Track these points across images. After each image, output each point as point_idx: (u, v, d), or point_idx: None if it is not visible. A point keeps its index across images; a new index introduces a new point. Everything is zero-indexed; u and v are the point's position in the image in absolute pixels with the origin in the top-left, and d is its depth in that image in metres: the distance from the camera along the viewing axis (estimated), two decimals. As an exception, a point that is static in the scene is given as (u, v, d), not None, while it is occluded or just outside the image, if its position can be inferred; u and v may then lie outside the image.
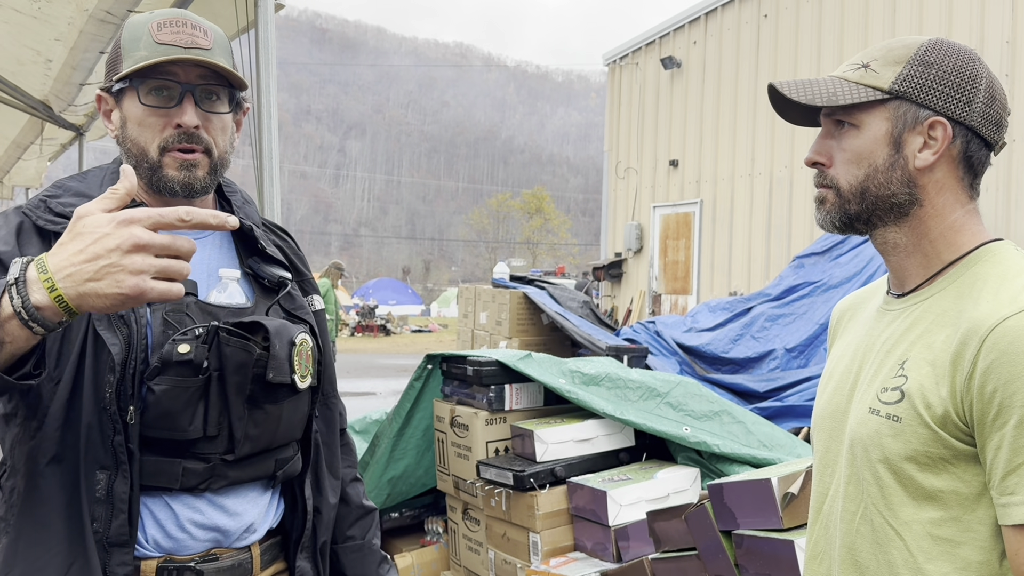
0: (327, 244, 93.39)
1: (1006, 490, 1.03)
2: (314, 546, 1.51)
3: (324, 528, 1.53)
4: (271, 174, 2.82)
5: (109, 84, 1.41)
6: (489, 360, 3.08)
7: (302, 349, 1.41)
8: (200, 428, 1.32)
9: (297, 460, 1.50)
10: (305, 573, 1.49)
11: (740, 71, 11.22)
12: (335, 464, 1.60)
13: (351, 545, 1.64)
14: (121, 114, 1.40)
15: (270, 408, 1.39)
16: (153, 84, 1.35)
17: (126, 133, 1.39)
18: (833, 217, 1.23)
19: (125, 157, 1.42)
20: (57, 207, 1.35)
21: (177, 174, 1.37)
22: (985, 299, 1.09)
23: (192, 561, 1.34)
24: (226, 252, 1.51)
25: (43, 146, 7.82)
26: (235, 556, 1.38)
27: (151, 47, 1.34)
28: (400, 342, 22.27)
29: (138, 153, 1.38)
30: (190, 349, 1.29)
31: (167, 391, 1.29)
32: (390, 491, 3.49)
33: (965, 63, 1.16)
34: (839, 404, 1.24)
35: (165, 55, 1.33)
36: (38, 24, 3.95)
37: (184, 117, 1.36)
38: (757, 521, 2.03)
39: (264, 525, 1.44)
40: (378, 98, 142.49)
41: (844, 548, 1.20)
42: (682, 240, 12.05)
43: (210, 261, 1.47)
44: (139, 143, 1.37)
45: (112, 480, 1.28)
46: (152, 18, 1.39)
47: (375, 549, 1.69)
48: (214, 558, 1.36)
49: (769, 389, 6.41)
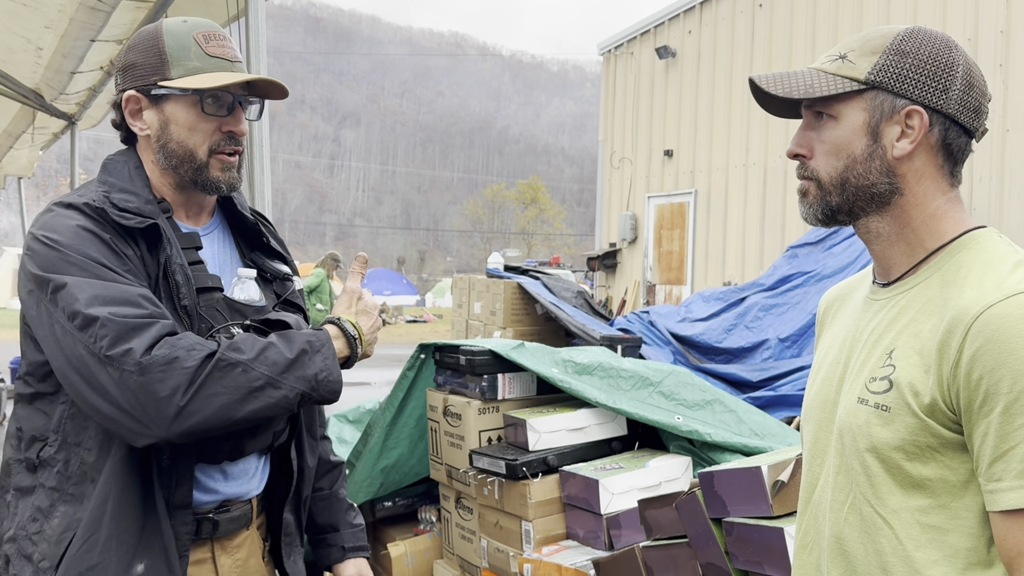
0: (322, 234, 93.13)
1: (993, 476, 1.03)
2: (298, 500, 1.73)
3: (306, 484, 1.74)
4: (262, 163, 2.81)
5: (148, 84, 1.51)
6: (482, 350, 3.08)
7: None
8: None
9: (286, 430, 1.70)
10: (288, 524, 1.71)
11: (735, 61, 11.20)
12: (314, 427, 1.79)
13: (320, 495, 1.86)
14: (161, 115, 1.52)
15: None
16: (212, 94, 1.51)
17: (169, 134, 1.52)
18: (816, 210, 1.23)
19: (162, 156, 1.54)
20: (121, 202, 1.48)
21: (221, 175, 1.55)
22: (970, 287, 1.09)
23: (209, 513, 1.57)
24: (230, 247, 1.66)
25: (35, 135, 7.79)
26: (241, 508, 1.62)
27: (203, 59, 1.51)
28: (395, 332, 22.27)
29: (183, 154, 1.53)
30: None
31: None
32: (383, 480, 3.50)
33: (941, 51, 1.16)
34: (828, 395, 1.25)
35: (219, 68, 1.51)
36: (28, 12, 3.93)
37: (239, 125, 1.55)
38: (747, 509, 2.04)
39: (261, 484, 1.67)
40: (373, 87, 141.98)
41: (833, 537, 1.20)
42: (676, 230, 12.05)
43: (219, 256, 1.63)
44: (187, 145, 1.52)
45: (178, 453, 1.46)
46: (193, 28, 1.54)
47: (342, 498, 1.90)
48: (226, 510, 1.59)
49: (762, 379, 6.44)
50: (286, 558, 1.70)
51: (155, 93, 1.51)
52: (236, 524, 1.61)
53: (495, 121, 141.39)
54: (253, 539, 1.68)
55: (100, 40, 4.33)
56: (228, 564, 1.61)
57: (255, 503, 1.67)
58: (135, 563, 1.42)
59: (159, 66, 1.51)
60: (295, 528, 1.74)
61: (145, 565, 1.42)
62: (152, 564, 1.43)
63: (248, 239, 1.69)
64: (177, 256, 1.49)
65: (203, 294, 1.52)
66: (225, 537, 1.61)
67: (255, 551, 1.68)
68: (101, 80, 5.52)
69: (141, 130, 1.55)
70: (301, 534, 1.76)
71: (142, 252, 1.47)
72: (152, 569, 1.43)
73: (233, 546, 1.63)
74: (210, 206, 1.66)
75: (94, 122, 7.41)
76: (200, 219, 1.63)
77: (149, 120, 1.53)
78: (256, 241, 1.69)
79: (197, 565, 1.57)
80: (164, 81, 1.50)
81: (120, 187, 1.51)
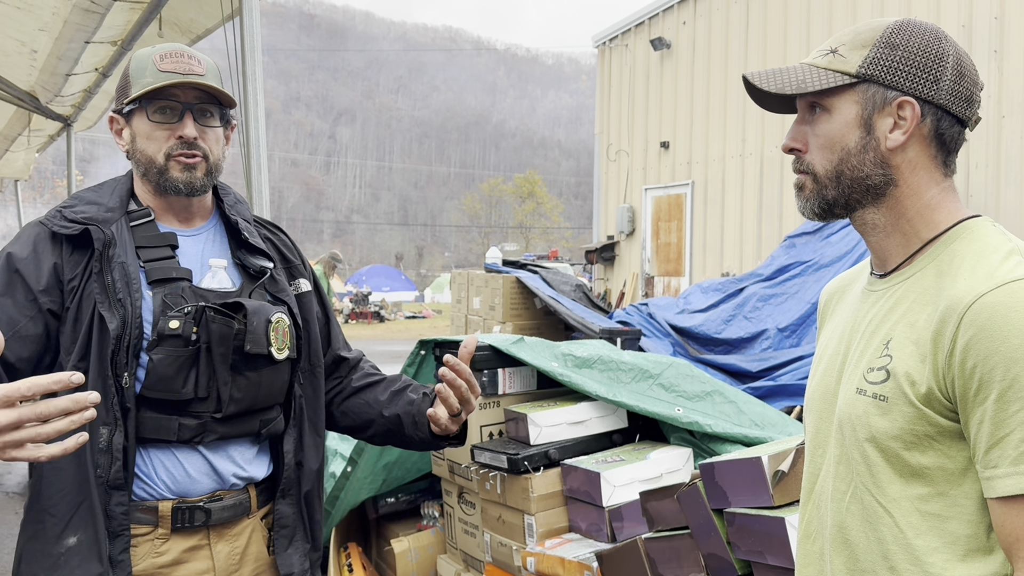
0: (319, 231, 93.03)
1: (989, 463, 1.04)
2: (298, 494, 1.77)
3: (307, 479, 1.78)
4: (259, 162, 2.81)
5: (120, 106, 1.70)
6: (482, 344, 3.08)
7: (278, 326, 1.69)
8: (192, 391, 1.61)
9: (280, 420, 1.76)
10: (285, 516, 1.75)
11: (730, 51, 11.20)
12: (319, 424, 1.83)
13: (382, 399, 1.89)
14: (131, 131, 1.71)
15: (251, 375, 1.66)
16: (159, 104, 1.66)
17: (136, 146, 1.70)
18: (812, 204, 1.24)
19: (135, 167, 1.72)
20: (70, 214, 1.64)
21: (180, 175, 1.68)
22: (963, 276, 1.10)
23: (201, 501, 1.64)
24: (219, 245, 1.79)
25: (31, 137, 7.78)
26: (236, 496, 1.68)
27: (155, 74, 1.65)
28: (394, 328, 22.27)
29: (146, 161, 1.68)
30: (179, 325, 1.59)
31: (163, 359, 1.58)
32: (386, 476, 3.51)
33: (931, 42, 1.17)
34: (828, 385, 1.26)
35: (168, 80, 1.64)
36: (22, 14, 3.92)
37: (185, 130, 1.66)
38: (748, 499, 2.05)
39: (257, 473, 1.72)
40: (368, 84, 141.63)
41: (835, 527, 1.21)
42: (674, 222, 12.06)
43: (204, 253, 1.75)
44: (147, 153, 1.68)
45: (112, 434, 1.56)
46: (155, 51, 1.69)
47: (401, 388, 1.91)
48: (219, 498, 1.66)
49: (762, 369, 6.44)
50: (280, 550, 1.74)
51: (125, 112, 1.70)
52: (231, 512, 1.67)
53: (491, 115, 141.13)
54: (256, 528, 1.73)
55: (94, 42, 4.32)
56: (225, 551, 1.67)
57: (254, 492, 1.72)
58: (66, 536, 1.54)
59: (125, 87, 1.70)
60: (294, 522, 1.76)
61: (77, 539, 1.54)
62: (84, 539, 1.54)
63: (238, 239, 1.81)
64: (123, 256, 1.63)
65: (169, 283, 1.65)
66: (222, 525, 1.66)
67: (258, 540, 1.73)
68: (96, 82, 5.52)
69: (121, 147, 1.74)
70: (306, 530, 1.79)
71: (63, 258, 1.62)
72: (83, 544, 1.54)
73: (232, 534, 1.68)
74: (203, 211, 1.80)
75: (89, 123, 7.40)
76: (191, 223, 1.78)
77: (125, 137, 1.73)
78: (243, 240, 1.80)
79: (192, 551, 1.64)
80: (125, 99, 1.69)
81: (88, 200, 1.69)
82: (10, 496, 5.93)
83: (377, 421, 1.89)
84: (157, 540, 1.61)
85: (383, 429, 1.89)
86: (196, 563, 1.64)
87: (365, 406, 1.91)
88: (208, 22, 4.47)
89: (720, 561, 2.10)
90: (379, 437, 1.92)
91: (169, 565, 1.62)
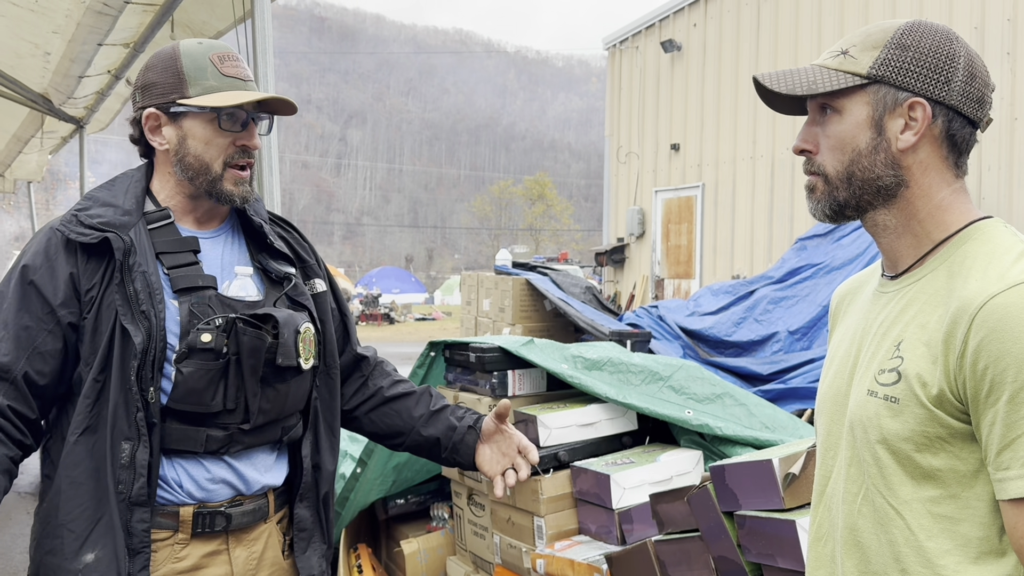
0: (330, 233, 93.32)
1: (1001, 465, 1.04)
2: (316, 497, 1.76)
3: (324, 481, 1.78)
4: (270, 165, 2.83)
5: (167, 102, 1.63)
6: (492, 346, 3.09)
7: (306, 336, 1.66)
8: (220, 403, 1.58)
9: (299, 426, 1.75)
10: (303, 519, 1.74)
11: (740, 53, 11.17)
12: (335, 425, 1.83)
13: (419, 417, 1.92)
14: (179, 131, 1.64)
15: (279, 386, 1.64)
16: (228, 111, 1.63)
17: (186, 149, 1.64)
18: (823, 206, 1.24)
19: (178, 168, 1.66)
20: (86, 219, 1.59)
21: (235, 188, 1.66)
22: (974, 277, 1.09)
23: (222, 507, 1.63)
24: (238, 248, 1.75)
25: (44, 139, 7.83)
26: (255, 502, 1.68)
27: (219, 78, 1.62)
28: (404, 330, 22.30)
29: (199, 166, 1.64)
30: (212, 338, 1.55)
31: (193, 372, 1.55)
32: (395, 478, 3.51)
33: (942, 43, 1.17)
34: (840, 387, 1.26)
35: (234, 87, 1.63)
36: (35, 17, 3.95)
37: (253, 140, 1.67)
38: (759, 502, 2.04)
39: (276, 479, 1.72)
40: (378, 86, 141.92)
41: (846, 529, 1.21)
42: (684, 224, 12.03)
43: (224, 257, 1.71)
44: (203, 159, 1.64)
45: (135, 449, 1.53)
46: (208, 49, 1.65)
47: (437, 408, 1.95)
48: (239, 504, 1.65)
49: (772, 372, 6.41)
50: (299, 553, 1.73)
51: (174, 111, 1.63)
52: (251, 517, 1.66)
53: (501, 118, 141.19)
54: (272, 533, 1.72)
55: (107, 44, 4.35)
56: (243, 556, 1.66)
57: (272, 497, 1.71)
58: (85, 552, 1.52)
59: (177, 85, 1.63)
60: (312, 524, 1.76)
61: (96, 555, 1.52)
62: (103, 555, 1.51)
63: (257, 242, 1.77)
64: (144, 264, 1.57)
65: (195, 292, 1.61)
66: (240, 530, 1.65)
67: (273, 544, 1.72)
68: (109, 84, 5.55)
69: (160, 145, 1.66)
70: (323, 531, 1.79)
71: (80, 267, 1.58)
72: (101, 561, 1.51)
73: (250, 539, 1.67)
74: (222, 212, 1.75)
75: (102, 125, 7.44)
76: (209, 224, 1.73)
77: (168, 136, 1.65)
78: (262, 243, 1.76)
79: (211, 556, 1.62)
80: (182, 99, 1.62)
81: (103, 202, 1.63)
82: (22, 496, 5.97)
83: (409, 435, 1.91)
84: (177, 545, 1.60)
85: (414, 443, 1.92)
86: (215, 568, 1.63)
87: (396, 417, 1.92)
88: (220, 24, 4.49)
89: (730, 564, 2.09)
90: (405, 448, 1.95)
91: (188, 571, 1.61)
